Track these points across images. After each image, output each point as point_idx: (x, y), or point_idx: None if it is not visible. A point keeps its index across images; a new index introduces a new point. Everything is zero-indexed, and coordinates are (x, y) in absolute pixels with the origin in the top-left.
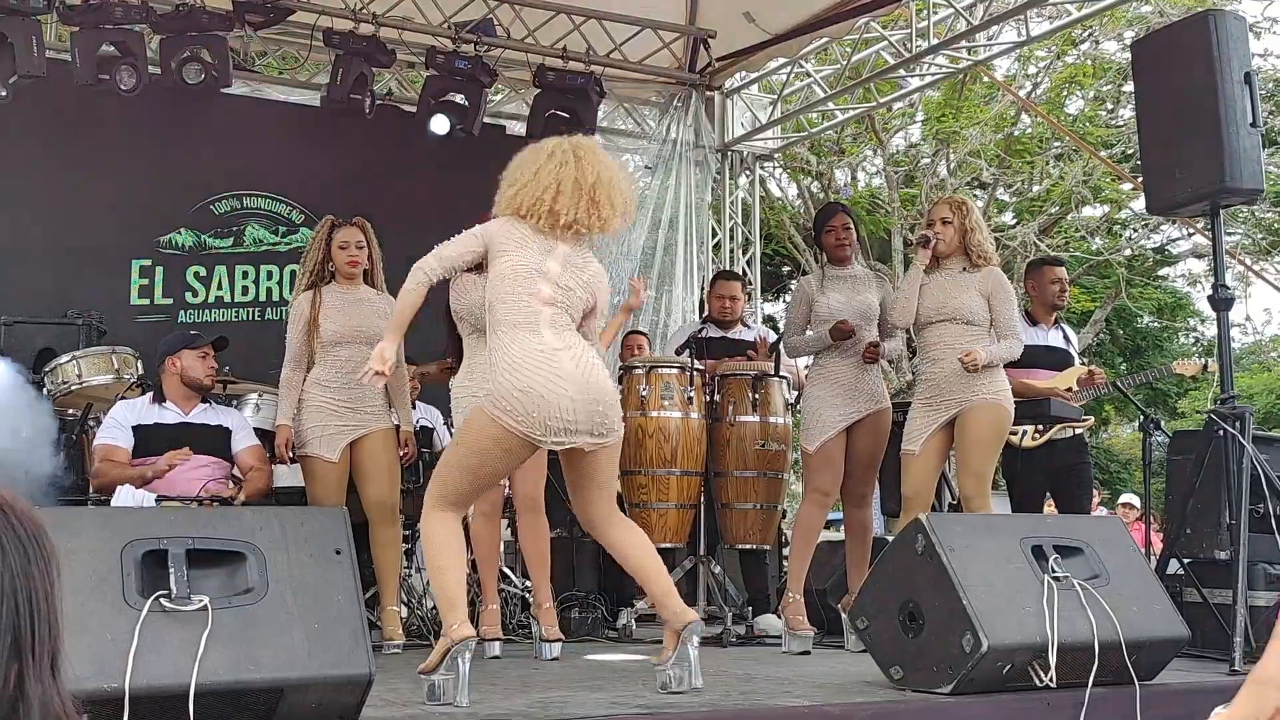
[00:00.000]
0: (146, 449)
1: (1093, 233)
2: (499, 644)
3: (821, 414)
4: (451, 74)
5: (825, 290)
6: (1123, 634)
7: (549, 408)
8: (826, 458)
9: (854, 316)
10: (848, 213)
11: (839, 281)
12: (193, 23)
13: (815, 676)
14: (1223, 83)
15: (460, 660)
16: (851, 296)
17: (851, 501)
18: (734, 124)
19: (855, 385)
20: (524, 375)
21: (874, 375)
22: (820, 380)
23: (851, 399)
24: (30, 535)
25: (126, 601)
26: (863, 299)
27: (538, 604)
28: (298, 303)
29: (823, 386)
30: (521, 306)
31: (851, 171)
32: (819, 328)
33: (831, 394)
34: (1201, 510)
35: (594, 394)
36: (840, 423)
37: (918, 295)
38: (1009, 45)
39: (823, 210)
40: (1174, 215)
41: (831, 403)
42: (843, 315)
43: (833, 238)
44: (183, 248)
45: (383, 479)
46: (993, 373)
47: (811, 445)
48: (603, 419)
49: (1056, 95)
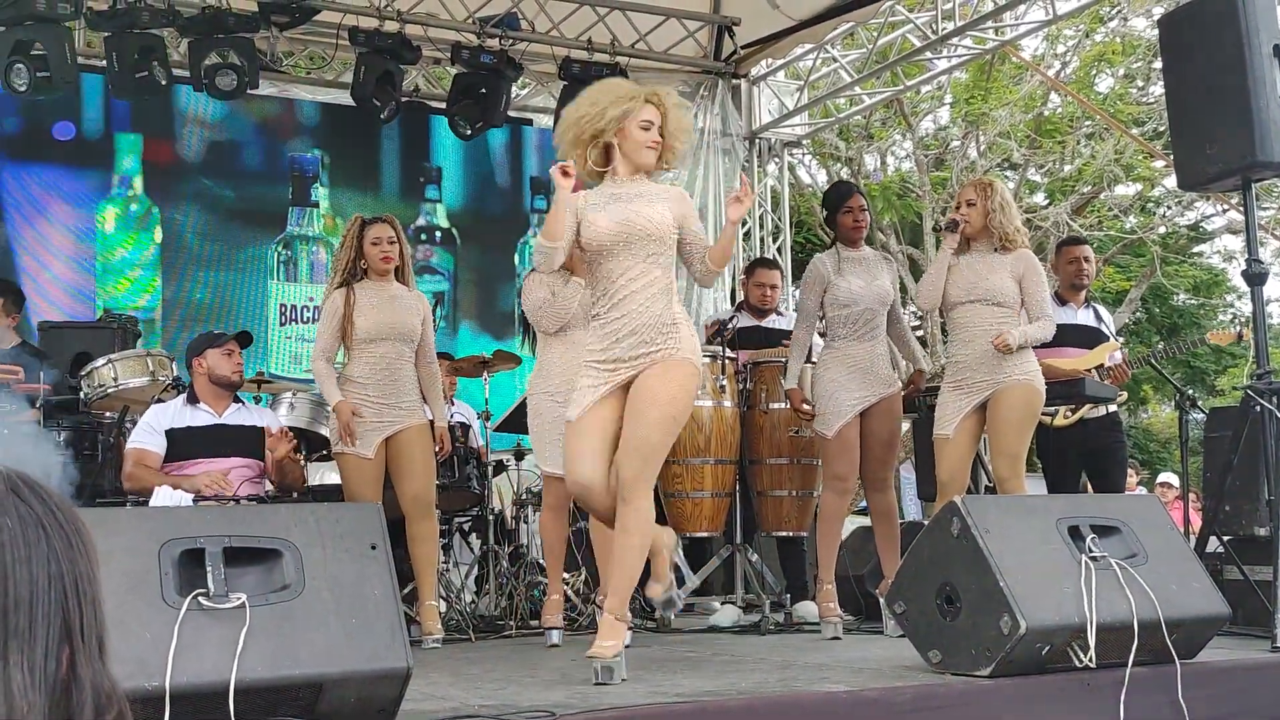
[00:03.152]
0: (181, 452)
1: (1126, 211)
2: (558, 633)
3: (837, 398)
4: (477, 69)
5: (843, 273)
6: (1162, 613)
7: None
8: (844, 443)
9: (873, 301)
10: (862, 193)
11: (854, 264)
12: (219, 25)
13: (854, 662)
14: (1251, 56)
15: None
16: (870, 280)
17: (873, 486)
18: (761, 111)
19: (869, 367)
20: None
21: (884, 359)
22: (833, 363)
23: (865, 381)
24: (69, 522)
25: (165, 600)
26: (880, 283)
27: (603, 594)
28: (331, 299)
29: (836, 369)
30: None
31: (881, 156)
32: (837, 312)
33: (846, 376)
34: (1240, 487)
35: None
36: (856, 406)
37: (944, 279)
38: (1036, 24)
39: (837, 189)
40: (1205, 191)
41: (845, 385)
42: (863, 300)
43: (850, 219)
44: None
45: (418, 474)
46: (1023, 354)
47: (830, 430)
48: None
49: (1086, 74)
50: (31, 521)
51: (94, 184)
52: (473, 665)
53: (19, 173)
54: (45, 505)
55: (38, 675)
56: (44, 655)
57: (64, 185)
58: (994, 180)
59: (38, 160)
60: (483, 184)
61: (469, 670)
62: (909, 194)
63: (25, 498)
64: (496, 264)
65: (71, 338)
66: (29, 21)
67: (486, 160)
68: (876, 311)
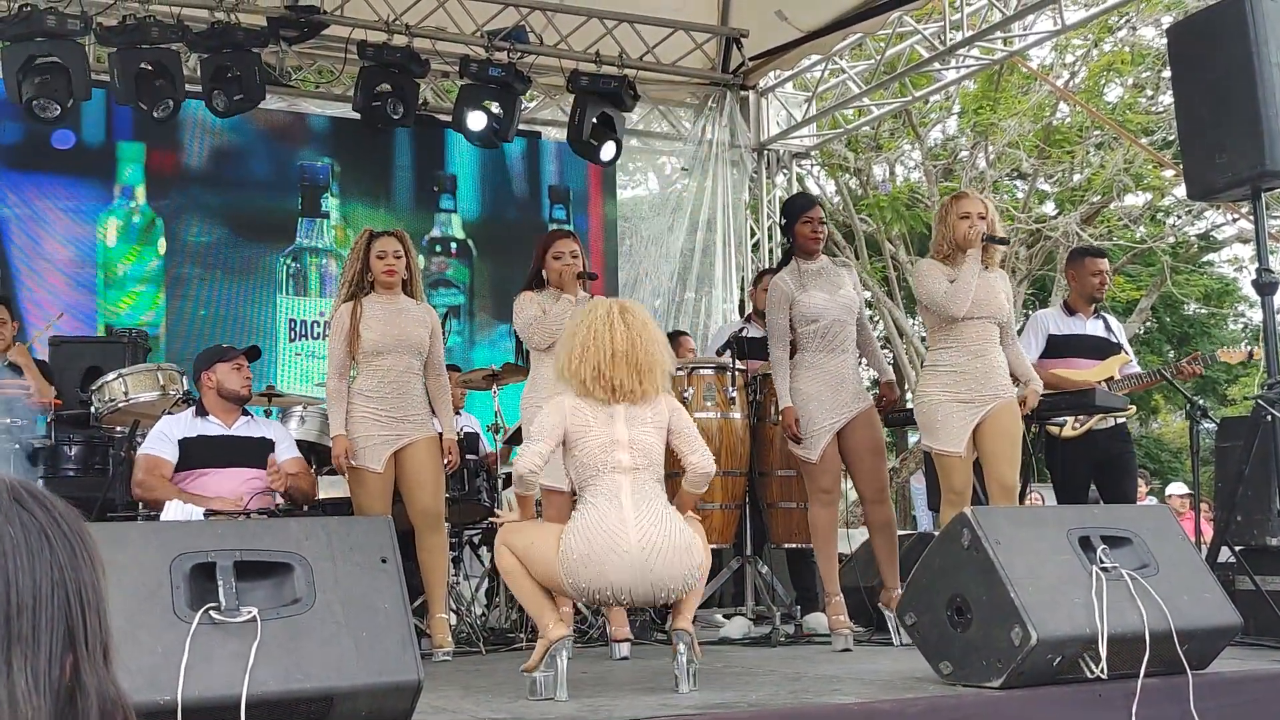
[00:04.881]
0: (191, 462)
1: (1136, 221)
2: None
3: (815, 419)
4: (486, 82)
5: (805, 287)
6: (1174, 623)
7: (604, 585)
8: (826, 461)
9: (839, 312)
10: (819, 205)
11: (814, 277)
12: (228, 40)
13: (865, 674)
14: (1261, 65)
15: (559, 658)
16: (833, 292)
17: (870, 499)
18: (769, 123)
19: (842, 380)
20: (593, 546)
21: (856, 370)
22: (806, 379)
23: (839, 396)
24: (73, 530)
25: (176, 614)
26: (844, 293)
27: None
28: (338, 314)
29: (810, 384)
30: (603, 482)
31: (890, 166)
32: (804, 328)
33: (820, 390)
34: (1252, 497)
35: (658, 581)
36: (835, 424)
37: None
38: (1044, 35)
39: (796, 200)
40: (1215, 200)
41: (819, 401)
42: (829, 312)
43: (809, 229)
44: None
45: (428, 487)
46: (1005, 368)
47: (814, 454)
48: (666, 595)
49: (1095, 83)
50: (35, 530)
51: (95, 194)
52: (483, 678)
53: (18, 182)
54: (49, 514)
55: (41, 681)
56: (48, 661)
57: (64, 195)
58: (986, 199)
59: (37, 169)
60: (499, 194)
61: (479, 683)
62: (918, 204)
63: (29, 507)
64: (515, 276)
65: (82, 352)
66: (40, 38)
67: (503, 169)
68: (845, 323)
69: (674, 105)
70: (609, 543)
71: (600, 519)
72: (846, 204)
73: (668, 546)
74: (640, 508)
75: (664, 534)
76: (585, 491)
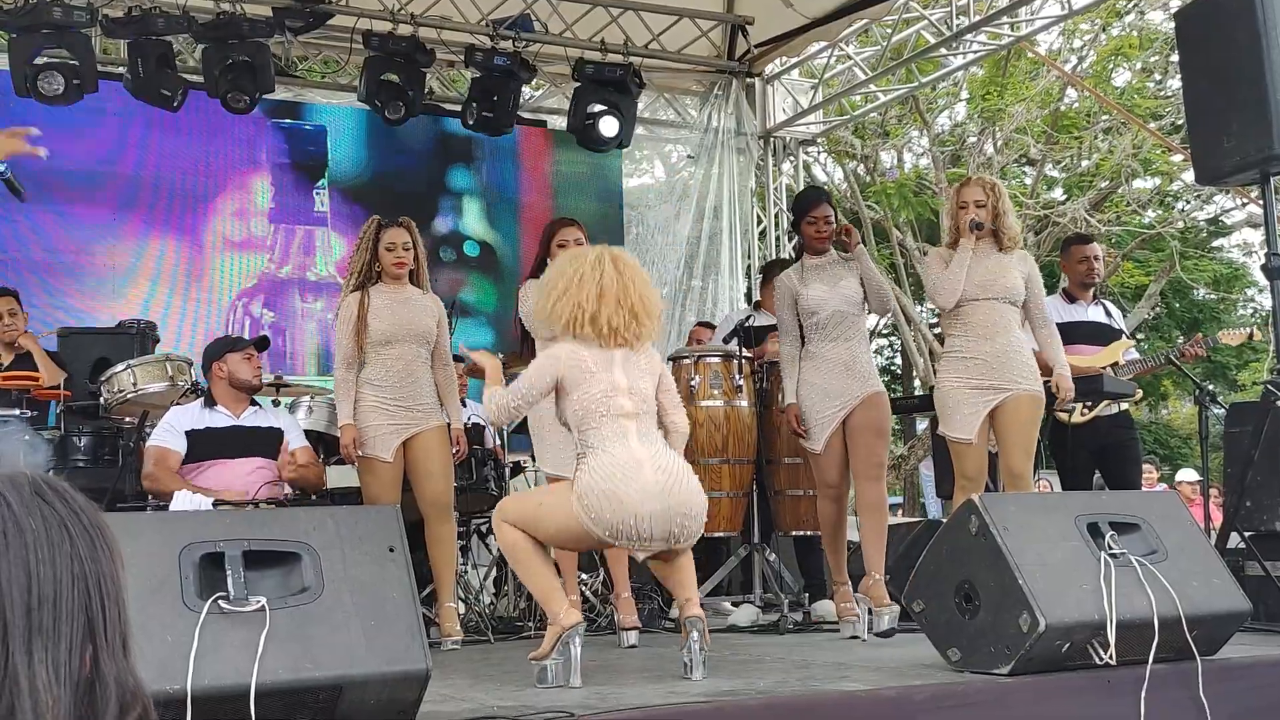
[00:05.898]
0: (199, 453)
1: (1144, 206)
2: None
3: (819, 409)
4: (491, 71)
5: (806, 283)
6: (1182, 609)
7: (628, 516)
8: (832, 454)
9: (839, 303)
10: (829, 202)
11: (817, 272)
12: (233, 30)
13: (872, 661)
14: (1268, 48)
15: (571, 645)
16: (833, 285)
17: (863, 475)
18: (775, 110)
19: (848, 365)
20: (613, 481)
21: (863, 358)
22: (811, 370)
23: (844, 382)
24: (93, 523)
25: (185, 604)
26: (845, 285)
27: (616, 594)
28: (346, 303)
29: (815, 375)
30: (608, 426)
31: (897, 153)
32: (806, 320)
33: (825, 379)
34: (1261, 482)
35: (678, 507)
36: (839, 412)
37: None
38: (1051, 19)
39: (804, 196)
40: (1223, 185)
41: (824, 389)
42: (828, 304)
43: (814, 229)
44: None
45: (436, 476)
46: (1031, 358)
47: (818, 445)
48: (682, 529)
49: (1102, 68)
50: (55, 523)
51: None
52: (491, 667)
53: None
54: (69, 507)
55: (62, 672)
56: (68, 652)
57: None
58: (997, 181)
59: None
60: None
61: (488, 672)
62: (925, 191)
63: (49, 500)
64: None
65: (91, 343)
66: (46, 30)
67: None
68: (845, 313)
69: (680, 93)
70: (627, 474)
71: (614, 458)
72: (854, 191)
73: (683, 475)
74: (649, 446)
75: (677, 465)
76: (589, 436)
